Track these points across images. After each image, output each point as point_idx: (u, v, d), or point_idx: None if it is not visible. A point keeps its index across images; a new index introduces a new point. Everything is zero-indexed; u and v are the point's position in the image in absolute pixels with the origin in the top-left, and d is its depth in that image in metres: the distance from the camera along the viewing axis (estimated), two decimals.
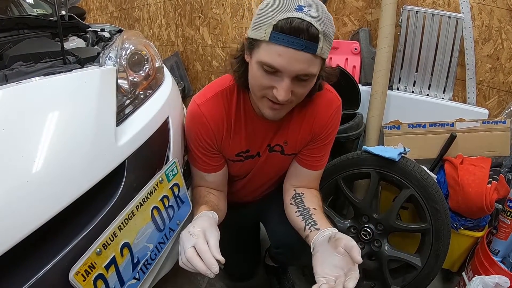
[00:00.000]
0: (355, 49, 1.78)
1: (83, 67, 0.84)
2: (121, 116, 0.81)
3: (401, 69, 1.74)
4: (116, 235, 0.69)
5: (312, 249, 0.81)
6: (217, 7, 2.34)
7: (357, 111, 1.68)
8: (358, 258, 0.68)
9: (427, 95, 1.72)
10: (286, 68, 0.70)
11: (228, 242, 0.83)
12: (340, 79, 0.88)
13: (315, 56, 0.70)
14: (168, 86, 1.02)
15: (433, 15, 1.58)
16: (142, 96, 0.92)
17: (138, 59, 0.95)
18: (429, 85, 1.71)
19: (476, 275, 1.13)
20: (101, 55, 0.93)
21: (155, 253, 0.82)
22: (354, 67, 1.81)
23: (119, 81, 0.86)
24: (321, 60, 0.73)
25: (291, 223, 0.96)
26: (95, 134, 0.70)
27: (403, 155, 1.21)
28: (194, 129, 0.91)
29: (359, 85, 1.70)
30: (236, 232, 1.17)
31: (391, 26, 1.58)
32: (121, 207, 0.71)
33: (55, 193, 0.59)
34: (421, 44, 1.65)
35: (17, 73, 0.74)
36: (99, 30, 1.28)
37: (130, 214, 0.72)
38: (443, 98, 1.69)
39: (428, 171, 1.22)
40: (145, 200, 0.77)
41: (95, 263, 0.64)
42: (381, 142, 1.61)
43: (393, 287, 1.12)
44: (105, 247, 0.66)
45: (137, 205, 0.74)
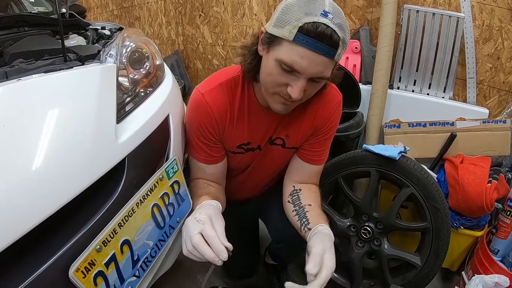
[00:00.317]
0: (356, 48, 1.78)
1: (83, 64, 0.84)
2: (122, 113, 0.81)
3: (402, 68, 1.74)
4: (116, 232, 0.69)
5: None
6: (217, 6, 2.34)
7: (357, 110, 1.68)
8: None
9: (428, 94, 1.72)
10: (305, 70, 0.71)
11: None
12: None
13: (332, 60, 0.72)
14: (168, 84, 1.01)
15: (434, 14, 1.59)
16: (142, 93, 0.92)
17: (138, 57, 0.95)
18: (430, 84, 1.71)
19: (475, 274, 1.13)
20: (101, 52, 0.93)
21: (155, 251, 0.82)
22: (354, 66, 1.81)
23: (120, 78, 0.86)
24: (335, 64, 0.76)
25: (291, 222, 0.96)
26: (96, 131, 0.70)
27: (403, 154, 1.21)
28: (197, 118, 0.91)
29: (359, 84, 1.70)
30: (236, 230, 1.16)
31: (391, 25, 1.58)
32: (121, 204, 0.71)
33: (55, 190, 0.59)
34: (422, 43, 1.66)
35: (18, 70, 0.74)
36: (100, 28, 1.27)
37: (130, 211, 0.72)
38: (443, 97, 1.70)
39: (428, 170, 1.22)
40: (146, 197, 0.77)
41: (95, 260, 0.64)
42: (381, 141, 1.62)
43: (393, 286, 1.12)
44: (105, 244, 0.66)
45: (137, 202, 0.74)
